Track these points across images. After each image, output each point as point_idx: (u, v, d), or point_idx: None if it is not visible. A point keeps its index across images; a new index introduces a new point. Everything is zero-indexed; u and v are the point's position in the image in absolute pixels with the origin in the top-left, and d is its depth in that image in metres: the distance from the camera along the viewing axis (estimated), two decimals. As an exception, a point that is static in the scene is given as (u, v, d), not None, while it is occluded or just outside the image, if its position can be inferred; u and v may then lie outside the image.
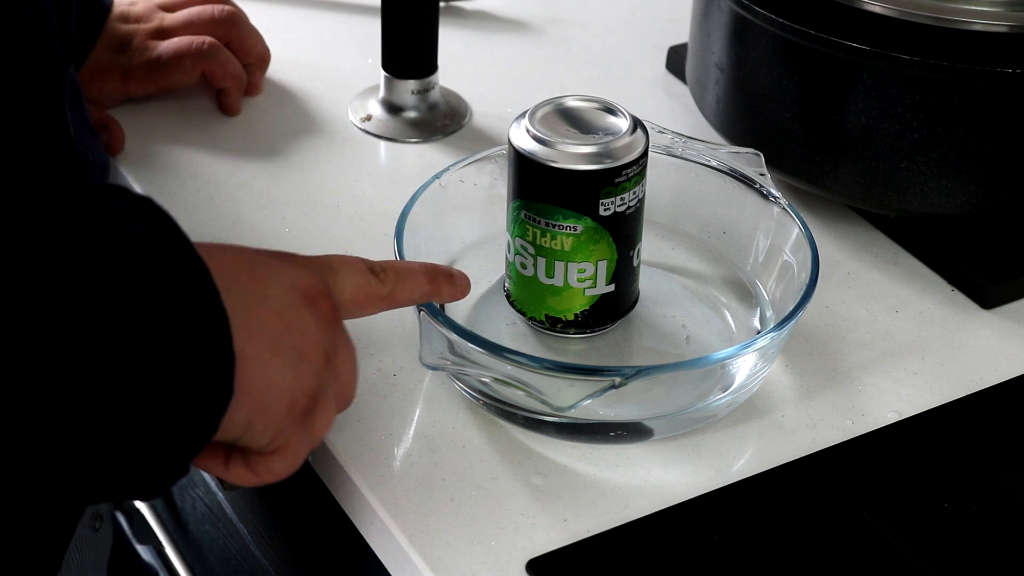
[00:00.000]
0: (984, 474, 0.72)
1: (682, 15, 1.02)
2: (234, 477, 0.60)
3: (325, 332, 0.59)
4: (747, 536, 0.67)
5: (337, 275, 0.63)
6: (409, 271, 0.66)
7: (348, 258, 0.64)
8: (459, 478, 0.69)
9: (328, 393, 0.60)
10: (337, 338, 0.61)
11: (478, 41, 1.07)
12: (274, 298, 0.57)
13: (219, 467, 0.60)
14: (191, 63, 0.94)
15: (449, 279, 0.69)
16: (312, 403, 0.59)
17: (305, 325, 0.58)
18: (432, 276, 0.68)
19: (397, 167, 0.93)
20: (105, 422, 0.50)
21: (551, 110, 0.74)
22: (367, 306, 0.65)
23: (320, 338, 0.58)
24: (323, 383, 0.59)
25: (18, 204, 0.49)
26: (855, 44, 0.79)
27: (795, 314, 0.70)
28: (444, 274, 0.69)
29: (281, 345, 0.56)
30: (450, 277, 0.69)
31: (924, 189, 0.82)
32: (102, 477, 0.52)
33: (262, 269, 0.58)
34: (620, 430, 0.71)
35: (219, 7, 0.96)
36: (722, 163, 0.81)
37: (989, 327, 0.81)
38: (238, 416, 0.55)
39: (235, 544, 0.99)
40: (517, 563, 0.65)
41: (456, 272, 0.70)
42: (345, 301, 0.63)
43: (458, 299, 0.71)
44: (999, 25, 0.77)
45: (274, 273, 0.58)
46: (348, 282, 0.63)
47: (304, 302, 0.58)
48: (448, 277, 0.69)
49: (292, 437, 0.58)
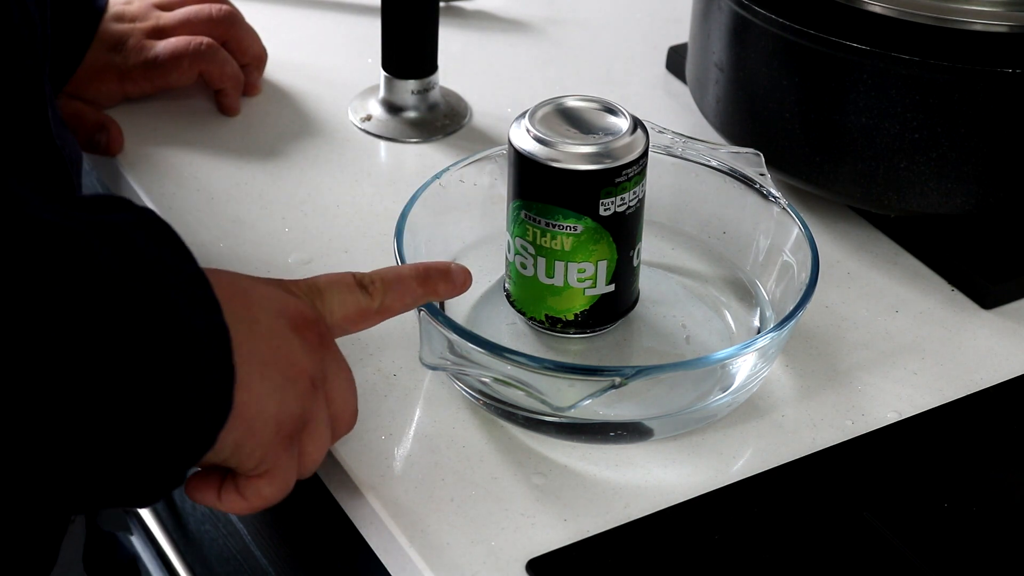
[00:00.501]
0: (984, 474, 0.72)
1: (682, 15, 1.02)
2: (227, 506, 0.61)
3: (312, 359, 0.60)
4: (747, 536, 0.67)
5: (325, 297, 0.64)
6: (398, 279, 0.66)
7: (335, 277, 0.65)
8: (459, 478, 0.69)
9: (317, 418, 0.61)
10: (327, 364, 0.62)
11: (478, 41, 1.07)
12: (264, 326, 0.58)
13: (212, 498, 0.61)
14: (188, 63, 0.93)
15: (445, 276, 0.68)
16: (298, 427, 0.60)
17: (293, 352, 0.59)
18: (424, 278, 0.67)
19: (397, 167, 0.93)
20: (106, 429, 0.51)
21: (551, 110, 0.74)
22: (360, 322, 0.65)
23: (307, 365, 0.60)
24: (309, 408, 0.60)
25: (27, 217, 0.49)
26: (855, 44, 0.79)
27: (795, 314, 0.70)
28: (438, 272, 0.68)
29: (270, 371, 0.58)
30: (446, 274, 0.69)
31: (924, 189, 0.82)
32: (100, 484, 0.52)
33: (253, 297, 0.59)
34: (620, 430, 0.71)
35: (216, 6, 0.96)
36: (722, 163, 0.81)
37: (989, 327, 0.81)
38: (228, 438, 0.57)
39: (235, 544, 0.99)
40: (517, 563, 0.65)
41: (454, 267, 0.69)
42: (337, 321, 0.64)
43: (458, 294, 0.70)
44: (999, 25, 0.77)
45: (263, 301, 0.59)
46: (336, 302, 0.64)
47: (292, 329, 0.60)
48: (443, 275, 0.68)
49: (279, 461, 0.60)
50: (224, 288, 0.56)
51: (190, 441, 0.54)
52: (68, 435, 0.50)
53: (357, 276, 0.65)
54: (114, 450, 0.51)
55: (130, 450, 0.51)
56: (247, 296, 0.59)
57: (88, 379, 0.49)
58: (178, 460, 0.54)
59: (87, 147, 0.91)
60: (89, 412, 0.50)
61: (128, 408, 0.50)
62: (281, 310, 0.60)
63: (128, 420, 0.51)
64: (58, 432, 0.50)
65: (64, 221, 0.50)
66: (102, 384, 0.50)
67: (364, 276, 0.65)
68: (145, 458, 0.52)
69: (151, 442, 0.52)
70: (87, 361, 0.49)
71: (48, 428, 0.49)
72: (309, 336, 0.61)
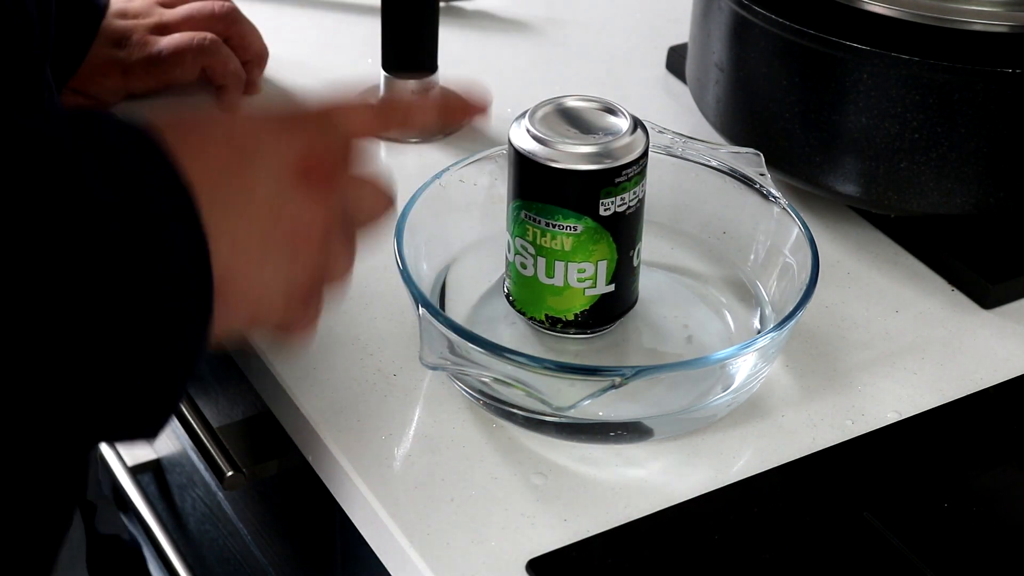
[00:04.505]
0: (984, 474, 0.72)
1: (682, 15, 1.02)
2: None
3: (324, 206, 0.58)
4: (747, 536, 0.67)
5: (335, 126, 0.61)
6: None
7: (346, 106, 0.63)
8: (459, 478, 0.69)
9: (336, 252, 0.60)
10: (343, 193, 0.60)
11: (478, 41, 1.07)
12: (262, 191, 0.56)
13: None
14: (191, 59, 0.94)
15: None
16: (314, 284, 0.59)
17: (298, 209, 0.57)
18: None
19: (397, 167, 0.93)
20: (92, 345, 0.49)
21: (551, 110, 0.74)
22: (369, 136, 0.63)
23: (313, 216, 0.57)
24: (323, 259, 0.59)
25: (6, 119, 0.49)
26: (855, 44, 0.79)
27: (795, 314, 0.70)
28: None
29: (272, 243, 0.56)
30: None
31: (924, 189, 0.82)
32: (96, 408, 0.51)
33: (250, 156, 0.56)
34: (620, 430, 0.71)
35: (218, 3, 0.96)
36: (722, 163, 0.81)
37: (989, 327, 0.81)
38: (237, 321, 0.56)
39: (235, 544, 0.99)
40: (517, 563, 0.65)
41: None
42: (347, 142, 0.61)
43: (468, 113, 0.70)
44: (999, 25, 0.77)
45: (263, 157, 0.57)
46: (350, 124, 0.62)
47: (296, 180, 0.57)
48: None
49: (297, 317, 0.59)
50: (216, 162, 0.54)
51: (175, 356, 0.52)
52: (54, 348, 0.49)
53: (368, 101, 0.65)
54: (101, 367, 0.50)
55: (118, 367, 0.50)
56: (243, 160, 0.56)
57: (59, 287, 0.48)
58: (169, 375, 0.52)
59: None
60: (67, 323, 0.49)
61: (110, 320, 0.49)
62: (283, 160, 0.57)
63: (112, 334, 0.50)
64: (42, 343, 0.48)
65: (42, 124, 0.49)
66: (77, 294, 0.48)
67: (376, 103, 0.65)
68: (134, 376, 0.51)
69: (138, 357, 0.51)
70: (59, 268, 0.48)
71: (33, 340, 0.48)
72: (316, 178, 0.58)
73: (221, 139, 0.56)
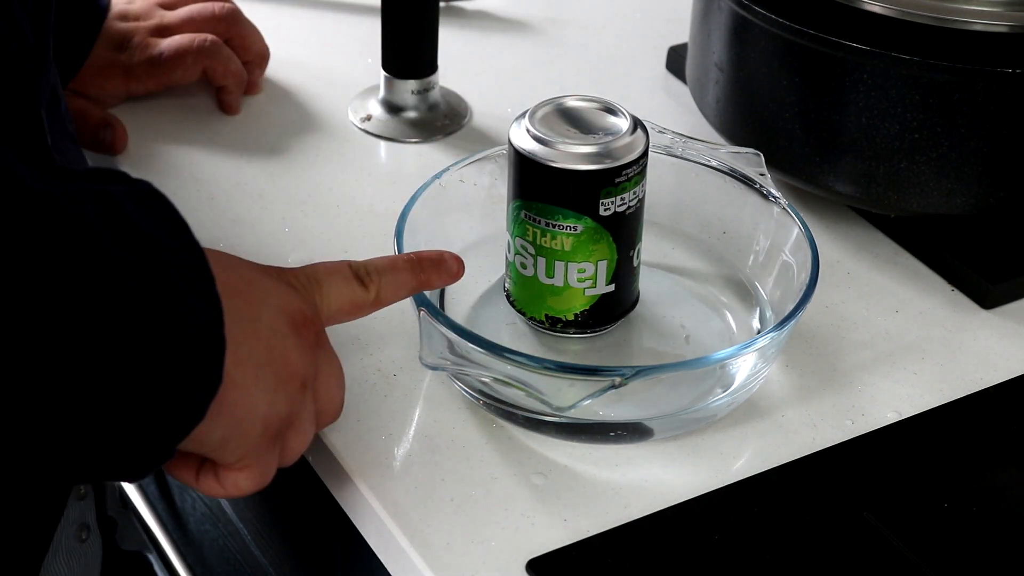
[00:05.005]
0: (984, 474, 0.72)
1: (682, 15, 1.02)
2: (203, 488, 0.62)
3: (306, 359, 0.61)
4: (747, 536, 0.67)
5: (323, 288, 0.65)
6: (393, 269, 0.67)
7: (333, 267, 0.66)
8: (459, 478, 0.69)
9: (303, 415, 0.62)
10: (320, 362, 0.63)
11: (478, 41, 1.07)
12: (265, 324, 0.59)
13: (191, 477, 0.62)
14: (193, 60, 0.94)
15: (438, 266, 0.69)
16: (285, 426, 0.61)
17: (288, 352, 0.60)
18: (417, 268, 0.68)
19: (397, 167, 0.93)
20: (99, 403, 0.51)
21: (551, 110, 0.74)
22: (354, 313, 0.67)
23: (299, 365, 0.61)
24: (297, 407, 0.61)
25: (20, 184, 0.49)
26: (855, 44, 0.79)
27: (795, 314, 0.70)
28: (431, 262, 0.69)
29: (264, 372, 0.58)
30: (439, 264, 0.69)
31: (924, 189, 0.82)
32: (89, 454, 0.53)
33: (256, 290, 0.60)
34: (620, 430, 0.71)
35: (219, 4, 0.96)
36: (722, 163, 0.81)
37: (989, 327, 0.81)
38: (215, 434, 0.57)
39: (235, 544, 0.99)
40: (517, 563, 0.65)
41: (447, 255, 0.70)
42: (333, 312, 0.65)
43: (452, 283, 0.71)
44: (999, 25, 0.77)
45: (266, 296, 0.60)
46: (334, 294, 0.65)
47: (290, 328, 0.60)
48: (435, 264, 0.69)
49: (261, 457, 0.61)
50: (228, 280, 0.56)
51: (178, 416, 0.54)
52: (59, 403, 0.50)
53: (353, 266, 0.66)
54: (103, 421, 0.51)
55: (120, 422, 0.52)
56: (250, 289, 0.59)
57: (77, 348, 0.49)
58: (166, 434, 0.54)
59: (91, 145, 0.91)
60: (78, 382, 0.50)
61: (118, 380, 0.51)
62: (281, 307, 0.60)
63: (120, 392, 0.51)
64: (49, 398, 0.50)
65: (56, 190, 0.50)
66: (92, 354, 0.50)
67: (360, 267, 0.66)
68: (133, 430, 0.52)
69: (140, 415, 0.52)
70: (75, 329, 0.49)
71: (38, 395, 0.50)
72: (306, 334, 0.61)
73: (230, 266, 0.59)
